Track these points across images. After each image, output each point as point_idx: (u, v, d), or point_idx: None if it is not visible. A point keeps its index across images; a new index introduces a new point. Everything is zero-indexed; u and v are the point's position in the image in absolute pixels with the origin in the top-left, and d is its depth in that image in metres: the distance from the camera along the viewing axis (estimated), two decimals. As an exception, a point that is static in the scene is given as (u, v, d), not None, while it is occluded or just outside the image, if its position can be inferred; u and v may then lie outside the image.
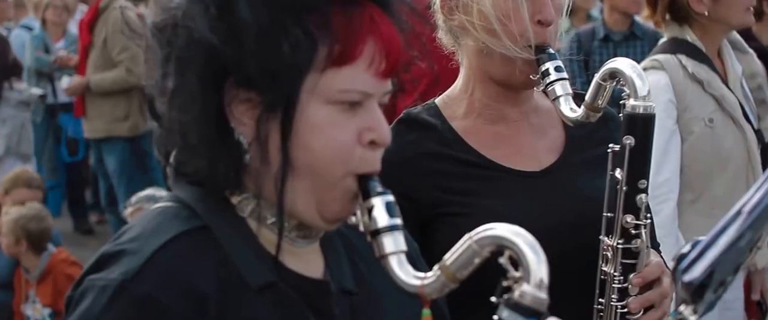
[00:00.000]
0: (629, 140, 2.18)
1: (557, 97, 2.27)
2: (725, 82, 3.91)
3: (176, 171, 1.70)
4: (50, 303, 6.37)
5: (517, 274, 1.51)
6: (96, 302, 1.56)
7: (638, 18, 7.08)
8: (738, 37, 4.13)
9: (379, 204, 1.61)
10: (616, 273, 2.22)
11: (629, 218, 2.20)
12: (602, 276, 2.26)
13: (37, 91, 9.55)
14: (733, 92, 3.89)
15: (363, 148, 1.63)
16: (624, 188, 2.19)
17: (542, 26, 2.29)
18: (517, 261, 1.51)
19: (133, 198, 6.11)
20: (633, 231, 2.20)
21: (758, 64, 4.20)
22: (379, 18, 1.62)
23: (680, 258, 1.59)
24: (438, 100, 2.47)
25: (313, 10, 1.57)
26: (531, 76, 2.30)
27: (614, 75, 2.20)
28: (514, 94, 2.40)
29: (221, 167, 1.62)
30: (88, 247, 8.70)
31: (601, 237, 2.24)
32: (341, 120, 1.61)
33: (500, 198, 2.33)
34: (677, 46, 3.90)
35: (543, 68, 2.27)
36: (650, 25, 5.68)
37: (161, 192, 5.71)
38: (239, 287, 1.62)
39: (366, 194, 1.62)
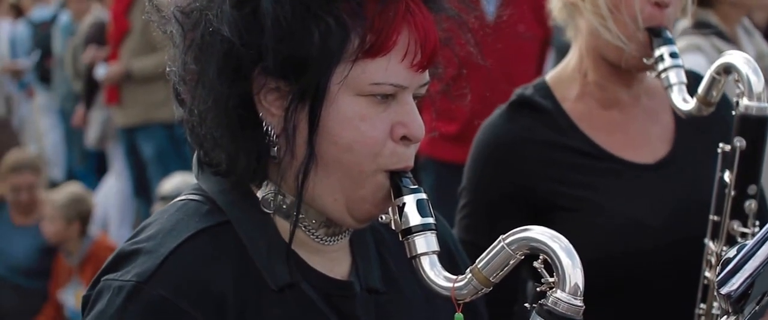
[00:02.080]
0: (740, 142, 2.08)
1: (670, 85, 2.16)
2: None
3: (201, 161, 1.65)
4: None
5: (552, 280, 1.46)
6: (111, 304, 1.52)
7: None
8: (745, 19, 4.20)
9: (411, 202, 1.55)
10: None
11: (736, 224, 2.10)
12: (705, 282, 2.18)
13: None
14: None
15: (395, 143, 1.57)
16: (732, 193, 2.10)
17: (659, 8, 2.20)
18: (551, 266, 1.46)
19: (165, 185, 6.11)
20: (739, 240, 2.10)
21: (764, 44, 4.25)
22: (416, 7, 1.56)
23: (724, 262, 1.53)
24: (548, 79, 2.40)
25: None
26: (644, 60, 2.20)
27: (729, 69, 2.09)
28: (627, 75, 2.31)
29: (241, 159, 1.56)
30: (117, 233, 8.75)
31: (705, 240, 2.15)
32: (372, 113, 1.55)
33: (615, 194, 2.27)
34: (705, 30, 3.96)
35: (657, 53, 2.17)
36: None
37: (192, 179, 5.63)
38: (259, 287, 1.57)
39: (398, 191, 1.56)
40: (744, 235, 2.10)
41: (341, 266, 1.68)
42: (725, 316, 1.54)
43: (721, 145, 2.12)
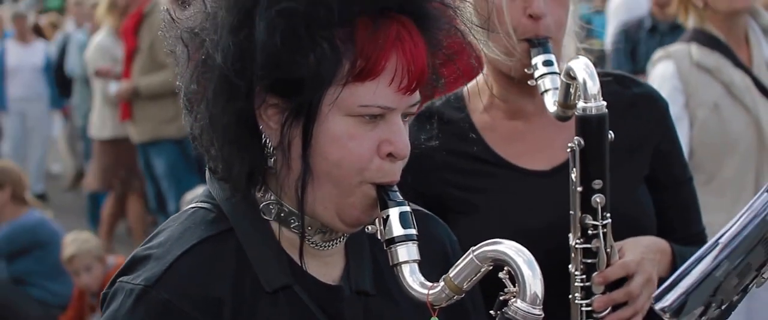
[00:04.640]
0: (579, 141, 2.17)
1: (545, 91, 2.25)
2: (748, 66, 4.05)
3: (209, 167, 1.78)
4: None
5: (514, 289, 1.59)
6: (123, 305, 1.70)
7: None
8: None
9: (394, 214, 1.67)
10: (577, 273, 2.23)
11: (588, 218, 2.19)
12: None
13: None
14: (755, 77, 4.03)
15: (381, 159, 1.68)
16: (579, 189, 2.19)
17: (533, 19, 2.28)
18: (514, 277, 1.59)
19: (188, 197, 6.22)
20: (590, 232, 2.20)
21: None
22: (406, 32, 1.66)
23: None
24: (466, 89, 2.48)
25: (343, 23, 1.62)
26: (526, 70, 2.29)
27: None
28: (526, 85, 2.34)
29: (235, 169, 1.70)
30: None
31: (569, 235, 2.24)
32: (360, 132, 1.66)
33: (503, 197, 2.37)
34: (693, 36, 4.09)
35: (533, 62, 2.27)
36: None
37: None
38: (255, 290, 1.72)
39: (383, 204, 1.68)
40: (595, 227, 2.18)
41: (334, 269, 1.80)
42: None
43: (569, 145, 2.21)
